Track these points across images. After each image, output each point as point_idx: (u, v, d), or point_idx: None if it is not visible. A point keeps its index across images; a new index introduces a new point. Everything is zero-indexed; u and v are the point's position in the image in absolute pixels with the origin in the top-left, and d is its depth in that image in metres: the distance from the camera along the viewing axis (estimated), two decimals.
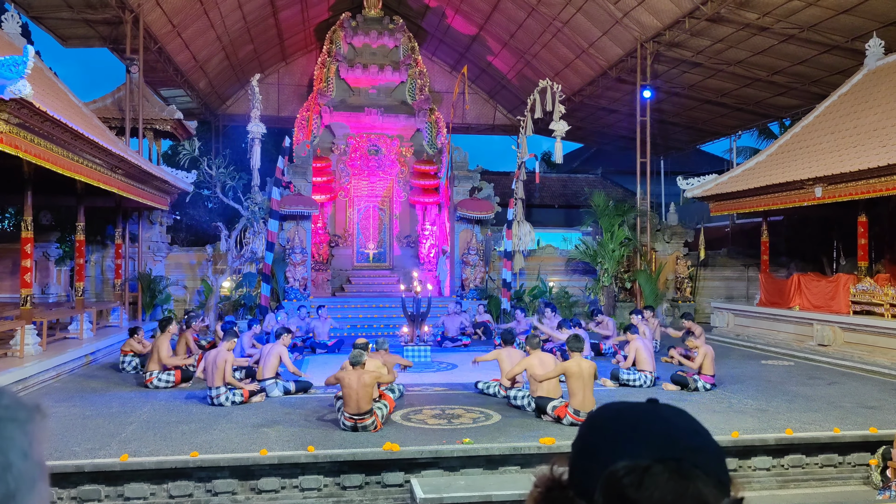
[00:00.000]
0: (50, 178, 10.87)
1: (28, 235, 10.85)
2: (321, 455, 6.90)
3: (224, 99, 27.52)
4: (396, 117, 21.72)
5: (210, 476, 6.74)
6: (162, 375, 10.29)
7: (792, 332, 14.30)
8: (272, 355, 9.93)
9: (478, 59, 26.40)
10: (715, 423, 8.09)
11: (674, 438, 0.87)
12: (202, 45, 21.46)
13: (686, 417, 0.93)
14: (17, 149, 8.37)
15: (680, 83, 21.35)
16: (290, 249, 17.82)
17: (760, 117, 23.37)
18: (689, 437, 0.88)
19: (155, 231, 18.44)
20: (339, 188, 21.57)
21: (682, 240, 21.05)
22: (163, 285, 17.56)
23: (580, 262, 20.27)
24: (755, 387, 10.48)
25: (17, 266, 15.93)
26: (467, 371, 11.90)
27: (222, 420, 8.26)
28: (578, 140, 32.94)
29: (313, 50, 27.15)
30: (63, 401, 9.33)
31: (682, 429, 0.90)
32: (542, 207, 29.41)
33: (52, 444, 7.12)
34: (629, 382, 10.28)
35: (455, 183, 20.03)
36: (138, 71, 16.76)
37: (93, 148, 10.65)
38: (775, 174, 14.80)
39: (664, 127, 24.44)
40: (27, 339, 10.52)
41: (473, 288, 18.73)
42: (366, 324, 17.71)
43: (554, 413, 8.11)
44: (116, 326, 14.97)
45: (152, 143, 19.04)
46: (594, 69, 22.23)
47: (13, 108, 7.84)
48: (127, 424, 8.02)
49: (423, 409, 8.91)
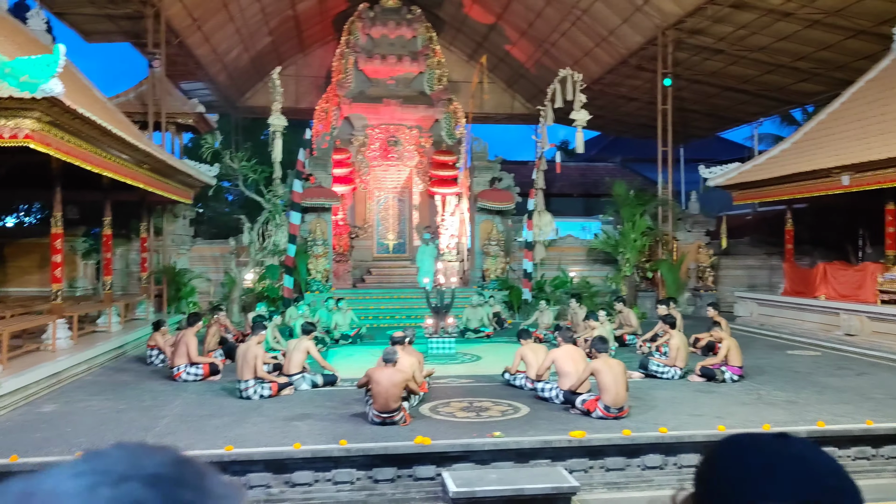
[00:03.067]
0: (77, 173, 10.97)
1: (58, 231, 10.99)
2: (353, 449, 6.96)
3: (243, 91, 27.60)
4: (415, 108, 21.69)
5: (245, 469, 6.82)
6: (190, 369, 10.41)
7: (818, 322, 14.19)
8: (299, 350, 10.02)
9: (495, 49, 26.26)
10: (745, 415, 8.07)
11: (813, 478, 0.85)
12: (222, 38, 21.54)
13: (820, 454, 0.90)
14: (49, 146, 8.47)
15: (701, 70, 21.12)
16: (311, 241, 17.91)
17: (783, 104, 23.09)
18: (827, 476, 0.86)
19: (178, 224, 18.59)
20: (359, 180, 21.61)
21: (703, 228, 20.91)
22: (187, 278, 17.71)
23: (601, 252, 20.19)
24: (783, 378, 10.43)
25: (44, 260, 16.14)
26: (492, 363, 11.95)
27: (253, 414, 8.35)
28: (597, 128, 32.66)
29: (331, 41, 27.11)
30: (96, 394, 9.47)
31: (819, 467, 0.87)
32: (561, 196, 29.27)
33: (88, 438, 7.24)
34: (658, 374, 10.26)
35: (475, 173, 20.00)
36: (160, 65, 16.85)
37: (120, 144, 10.75)
38: (800, 162, 14.63)
39: (684, 114, 24.19)
40: (59, 333, 10.67)
41: (494, 279, 18.73)
42: (387, 315, 17.77)
43: (583, 407, 8.12)
44: (143, 319, 15.14)
45: (174, 136, 19.17)
46: (613, 57, 22.05)
47: (45, 106, 7.93)
48: (160, 418, 8.14)
49: (450, 401, 8.95)
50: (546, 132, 18.59)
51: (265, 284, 17.62)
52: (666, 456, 7.36)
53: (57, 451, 6.79)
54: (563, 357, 8.63)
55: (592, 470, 7.26)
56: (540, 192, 18.65)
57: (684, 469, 7.36)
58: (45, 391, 9.49)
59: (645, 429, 7.54)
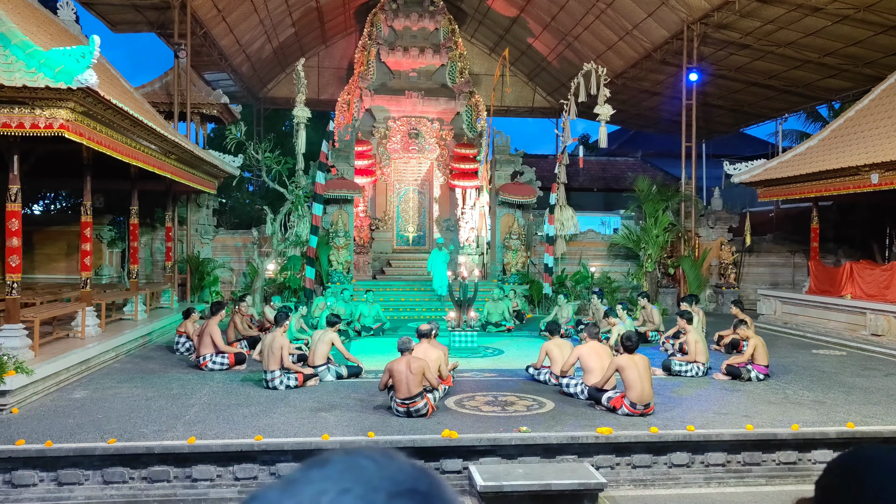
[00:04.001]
0: (104, 162, 11.10)
1: (87, 219, 11.11)
2: (381, 441, 7.01)
3: (265, 82, 27.72)
4: (437, 100, 21.68)
5: (274, 459, 6.89)
6: (216, 358, 10.51)
7: (843, 322, 14.06)
8: (323, 342, 10.07)
9: (518, 42, 26.16)
10: (772, 415, 8.03)
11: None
12: (245, 29, 21.62)
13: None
14: (82, 136, 8.56)
15: (726, 65, 20.91)
16: (333, 233, 17.98)
17: (809, 100, 22.81)
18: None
19: (202, 214, 18.73)
20: (380, 172, 21.65)
21: (726, 225, 20.75)
22: (210, 267, 17.85)
23: (622, 248, 20.11)
24: (809, 377, 10.36)
25: (71, 247, 16.37)
26: (514, 357, 11.98)
27: (280, 404, 8.42)
28: (619, 123, 32.50)
29: (353, 33, 27.15)
30: (125, 382, 9.60)
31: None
32: (581, 191, 29.17)
33: (120, 425, 7.35)
34: (681, 373, 10.22)
35: (496, 167, 19.97)
36: (186, 56, 16.95)
37: (149, 134, 10.84)
38: (828, 160, 14.47)
39: (707, 109, 24.00)
40: (88, 320, 10.80)
41: (515, 273, 18.72)
42: (407, 307, 17.84)
43: (609, 403, 8.11)
44: (168, 308, 15.30)
45: (199, 127, 19.29)
46: (637, 51, 21.89)
47: (79, 97, 8.01)
48: (189, 406, 8.23)
49: (475, 395, 8.98)
50: (569, 126, 18.50)
51: (287, 275, 17.72)
52: (693, 454, 7.35)
53: (90, 437, 6.90)
54: (589, 353, 8.63)
55: (619, 467, 7.27)
56: (562, 186, 18.59)
57: (711, 467, 7.35)
58: (75, 378, 9.63)
59: (672, 426, 7.53)
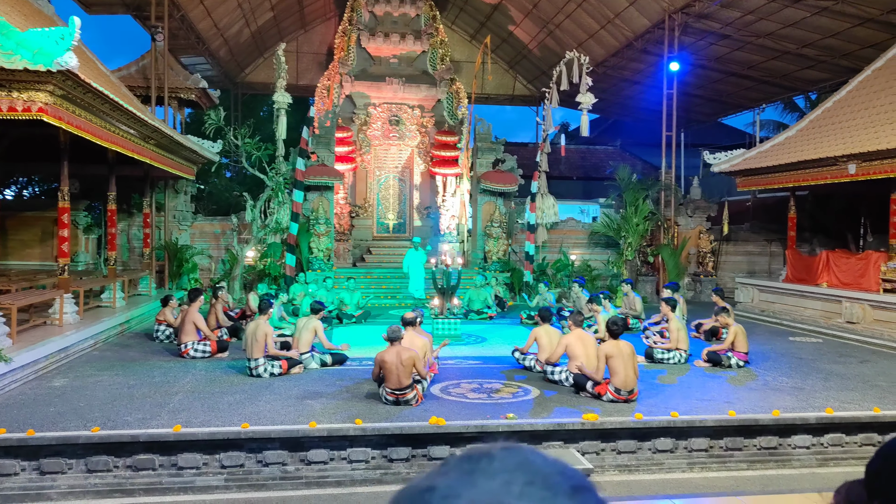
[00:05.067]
0: (81, 146, 10.90)
1: (65, 205, 10.90)
2: (369, 428, 7.00)
3: (243, 67, 27.37)
4: (418, 87, 21.56)
5: (261, 447, 6.85)
6: (198, 346, 10.41)
7: (819, 309, 14.30)
8: (307, 330, 10.02)
9: (499, 29, 26.09)
10: (754, 401, 8.16)
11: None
12: (223, 12, 21.30)
13: None
14: (61, 120, 8.39)
15: (706, 55, 21.05)
16: (314, 220, 17.85)
17: (786, 90, 23.07)
18: None
19: (180, 200, 18.49)
20: (360, 158, 21.51)
21: (704, 214, 20.96)
22: (189, 254, 17.65)
23: (602, 236, 20.24)
24: (788, 364, 10.53)
25: (45, 233, 16.09)
26: (497, 344, 12.04)
27: (265, 392, 8.37)
28: (598, 111, 32.64)
29: (332, 17, 26.89)
30: (105, 370, 9.47)
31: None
32: (561, 179, 29.26)
33: (103, 413, 7.26)
34: (663, 360, 10.33)
35: (478, 155, 19.94)
36: (164, 39, 16.66)
37: (129, 119, 10.65)
38: (806, 150, 14.66)
39: (687, 99, 24.15)
40: (66, 307, 10.63)
41: (496, 260, 18.76)
42: (388, 294, 17.81)
43: (594, 390, 8.18)
44: (146, 295, 15.11)
45: (176, 112, 19.00)
46: (619, 40, 21.95)
47: (59, 80, 7.84)
48: (172, 395, 8.15)
49: (460, 382, 9.00)
50: (550, 114, 18.52)
51: (267, 262, 17.59)
52: (677, 440, 7.44)
53: (72, 425, 6.81)
54: (575, 342, 8.68)
55: (604, 452, 7.34)
56: (543, 174, 18.64)
57: (695, 453, 7.45)
58: (55, 366, 9.48)
59: (656, 413, 7.61)
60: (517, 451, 0.69)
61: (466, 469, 0.66)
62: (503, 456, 0.68)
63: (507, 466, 0.66)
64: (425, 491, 0.65)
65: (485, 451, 0.69)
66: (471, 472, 0.66)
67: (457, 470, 0.67)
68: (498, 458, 0.67)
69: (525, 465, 0.66)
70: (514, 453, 0.69)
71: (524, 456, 0.68)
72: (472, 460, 0.68)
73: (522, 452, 0.69)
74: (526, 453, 0.69)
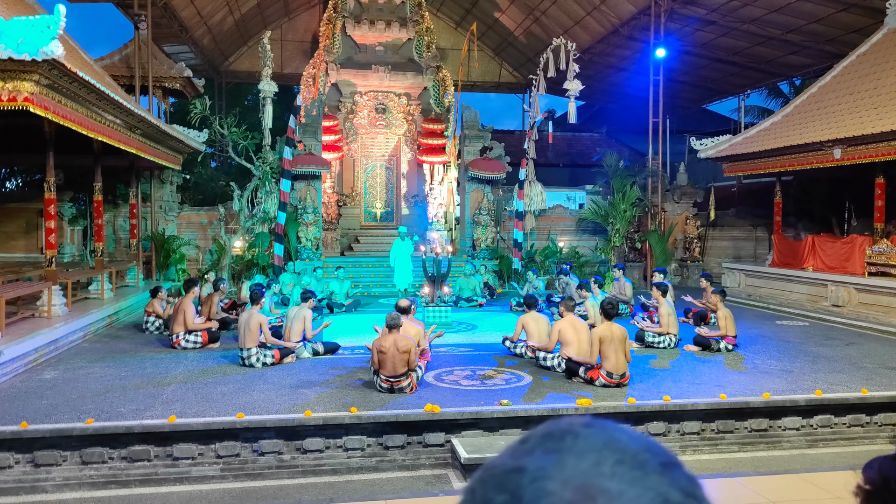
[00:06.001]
0: (65, 137, 10.78)
1: (51, 196, 10.78)
2: (364, 416, 7.02)
3: (227, 56, 27.12)
4: (404, 75, 21.45)
5: (256, 437, 6.85)
6: (189, 337, 10.37)
7: (805, 293, 14.46)
8: (298, 319, 10.00)
9: (484, 16, 26.00)
10: (744, 384, 8.25)
11: None
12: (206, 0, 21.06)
13: None
14: (47, 110, 8.28)
15: (691, 41, 21.11)
16: (302, 209, 17.77)
17: (771, 76, 23.21)
18: None
19: (166, 190, 18.34)
20: (347, 147, 21.41)
21: (691, 200, 21.09)
22: (176, 245, 17.53)
23: (590, 223, 20.31)
24: (775, 347, 10.65)
25: (30, 225, 15.92)
26: (488, 331, 12.09)
27: (259, 381, 8.37)
28: (584, 98, 32.67)
29: (317, 5, 26.67)
30: (96, 362, 9.41)
31: None
32: (547, 166, 29.26)
33: (96, 405, 7.22)
34: (654, 344, 10.42)
35: (466, 142, 19.91)
36: (147, 27, 16.45)
37: (115, 108, 10.54)
38: (792, 135, 14.77)
39: (672, 85, 24.18)
40: (54, 299, 10.54)
41: (485, 248, 18.78)
42: (378, 283, 17.79)
43: (586, 375, 8.24)
44: (133, 286, 15.00)
45: (160, 101, 18.80)
46: (605, 27, 21.96)
47: (45, 69, 7.73)
48: (165, 385, 8.12)
49: (454, 369, 9.04)
50: (538, 101, 18.52)
51: (255, 252, 17.51)
52: (669, 423, 7.52)
53: (66, 418, 6.77)
54: (567, 328, 8.73)
55: None
56: (531, 161, 18.67)
57: (687, 436, 7.53)
58: (44, 358, 9.41)
59: (647, 397, 7.69)
60: (601, 427, 0.69)
61: (552, 447, 0.66)
62: (587, 433, 0.67)
63: (593, 445, 0.65)
64: (514, 471, 0.64)
65: (567, 429, 0.68)
66: (557, 450, 0.65)
67: (542, 448, 0.66)
68: (582, 436, 0.67)
69: (612, 442, 0.65)
70: (598, 430, 0.68)
71: (609, 433, 0.67)
72: (555, 438, 0.67)
73: (607, 429, 0.68)
74: (610, 430, 0.68)
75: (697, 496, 0.63)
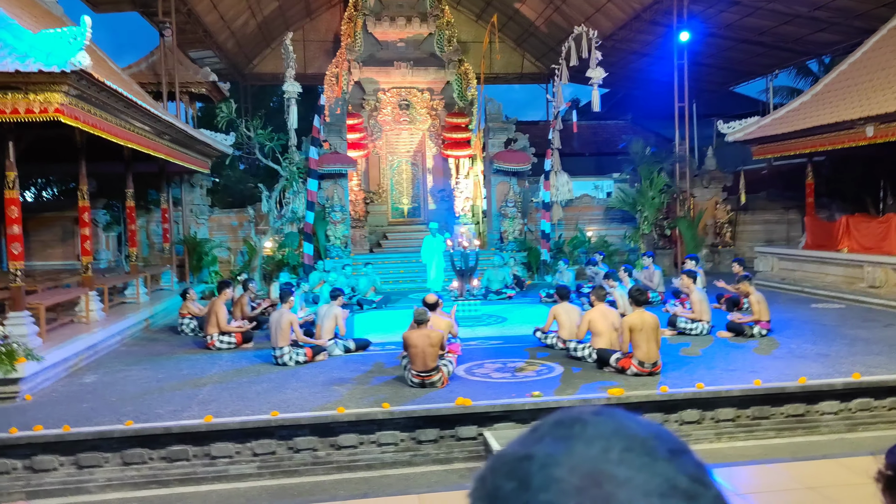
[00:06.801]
0: (96, 145, 10.99)
1: (84, 204, 11.03)
2: (397, 411, 7.08)
3: (251, 58, 27.38)
4: (426, 70, 21.48)
5: (291, 434, 6.95)
6: (223, 337, 10.54)
7: (841, 275, 14.19)
8: (329, 317, 10.11)
9: (505, 7, 25.86)
10: (779, 369, 8.15)
11: None
12: (229, 4, 21.30)
13: None
14: (77, 120, 8.46)
15: (715, 23, 20.75)
16: (329, 208, 17.92)
17: (799, 55, 22.71)
18: None
19: (196, 194, 18.61)
20: (372, 144, 21.51)
21: (720, 184, 20.80)
22: (208, 247, 17.79)
23: (618, 211, 20.15)
24: (811, 331, 10.49)
25: (66, 233, 16.28)
26: (518, 323, 12.07)
27: (292, 379, 8.48)
28: (608, 86, 32.32)
29: (337, 4, 26.77)
30: (134, 364, 9.62)
31: None
32: (572, 156, 29.02)
33: (135, 406, 7.38)
34: (686, 331, 10.34)
35: (490, 135, 19.87)
36: (172, 34, 16.69)
37: (143, 115, 10.73)
38: (822, 114, 14.48)
39: (697, 69, 23.83)
40: (92, 305, 10.79)
41: (512, 240, 18.75)
42: (407, 279, 17.87)
43: (617, 364, 8.20)
44: (168, 290, 15.27)
45: (188, 106, 19.07)
46: (626, 12, 21.70)
47: (73, 80, 7.90)
48: (201, 386, 8.27)
49: (484, 363, 9.06)
50: (561, 91, 18.41)
51: (285, 252, 17.70)
52: (703, 411, 7.46)
53: (106, 420, 6.94)
54: (598, 317, 8.69)
55: None
56: (556, 152, 18.57)
57: (721, 423, 7.46)
58: (84, 362, 9.64)
59: (681, 385, 7.63)
60: (610, 415, 0.69)
61: (561, 435, 0.66)
62: (596, 421, 0.68)
63: (602, 432, 0.66)
64: (523, 459, 0.64)
65: (576, 417, 0.69)
66: (566, 438, 0.66)
67: (551, 436, 0.67)
68: (591, 424, 0.67)
69: (621, 430, 0.66)
70: (607, 418, 0.68)
71: (619, 421, 0.68)
72: (564, 426, 0.68)
73: (616, 417, 0.69)
74: (620, 417, 0.69)
75: (705, 482, 0.64)
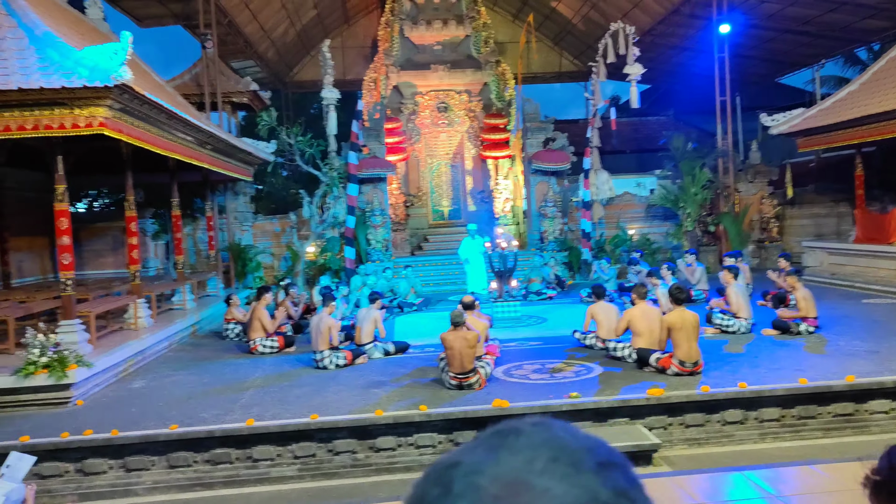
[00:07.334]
0: (141, 156, 11.31)
1: (132, 214, 11.37)
2: (434, 414, 7.12)
3: (291, 66, 27.80)
4: (463, 72, 21.50)
5: (330, 437, 7.05)
6: (266, 342, 10.73)
7: (894, 269, 13.73)
8: (369, 320, 10.21)
9: (541, 6, 25.76)
10: (827, 367, 7.94)
11: None
12: (268, 14, 21.68)
13: None
14: (121, 133, 8.73)
15: (757, 14, 20.30)
16: (369, 212, 18.09)
17: (846, 43, 22.07)
18: None
19: (239, 201, 18.98)
20: (411, 148, 21.63)
21: (765, 178, 20.31)
22: (252, 254, 18.14)
23: (660, 208, 19.85)
24: (861, 327, 10.18)
25: (117, 242, 16.77)
26: (557, 324, 11.98)
27: (332, 383, 8.59)
28: (648, 82, 31.83)
29: (374, 10, 27.01)
30: (180, 369, 9.87)
31: None
32: (613, 154, 28.69)
33: (180, 411, 7.58)
34: (726, 328, 10.14)
35: (528, 135, 19.80)
36: (213, 46, 17.08)
37: (185, 126, 11.00)
38: (871, 104, 14.04)
39: (740, 61, 23.31)
40: (140, 312, 11.10)
41: (553, 240, 18.64)
42: (448, 281, 17.91)
43: (658, 364, 8.10)
44: (214, 296, 15.61)
45: (230, 116, 19.48)
46: (664, 7, 21.38)
47: (116, 94, 8.16)
48: (244, 390, 8.44)
49: (522, 364, 9.03)
50: (599, 89, 18.25)
51: (327, 256, 17.93)
52: (746, 411, 7.32)
53: (153, 424, 7.14)
54: (639, 317, 8.59)
55: (672, 427, 7.27)
56: (595, 150, 18.41)
57: (766, 423, 7.31)
58: (133, 368, 9.93)
59: (723, 384, 7.50)
60: (547, 426, 0.69)
61: (493, 445, 0.67)
62: (532, 432, 0.68)
63: (533, 443, 0.66)
64: (450, 466, 0.65)
65: (514, 427, 0.69)
66: (497, 447, 0.66)
67: (484, 446, 0.67)
68: (525, 434, 0.67)
69: (552, 441, 0.66)
70: (543, 429, 0.68)
71: (553, 432, 0.68)
72: (500, 435, 0.68)
73: (552, 428, 0.69)
74: (555, 429, 0.69)
75: (631, 497, 0.63)
